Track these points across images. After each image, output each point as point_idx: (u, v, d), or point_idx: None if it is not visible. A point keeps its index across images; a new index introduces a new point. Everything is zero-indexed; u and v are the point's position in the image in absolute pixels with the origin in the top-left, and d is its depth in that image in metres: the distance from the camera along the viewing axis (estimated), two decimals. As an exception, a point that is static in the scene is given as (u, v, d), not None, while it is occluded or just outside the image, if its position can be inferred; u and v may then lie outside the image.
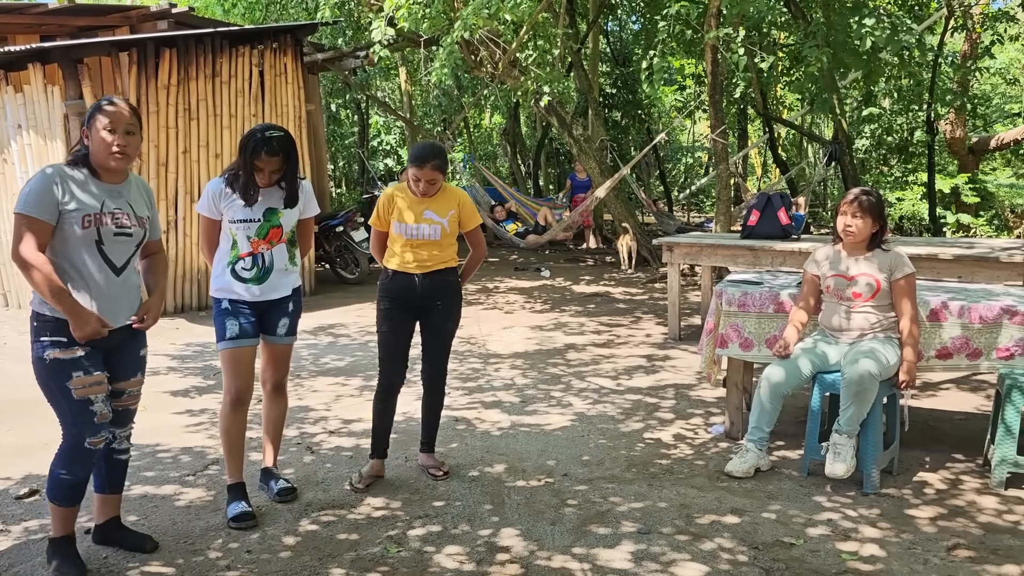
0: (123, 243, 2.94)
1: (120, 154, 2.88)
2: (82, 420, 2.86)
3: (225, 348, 3.47)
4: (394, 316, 3.76)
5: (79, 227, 2.82)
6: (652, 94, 19.51)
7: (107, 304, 2.90)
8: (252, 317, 3.49)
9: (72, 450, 2.89)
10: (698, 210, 20.82)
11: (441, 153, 3.69)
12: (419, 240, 3.70)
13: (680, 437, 4.47)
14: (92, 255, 2.87)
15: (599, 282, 10.32)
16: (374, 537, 3.26)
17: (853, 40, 8.40)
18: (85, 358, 2.85)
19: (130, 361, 3.05)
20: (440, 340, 3.86)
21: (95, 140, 2.87)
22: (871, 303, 3.81)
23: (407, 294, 3.73)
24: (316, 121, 10.95)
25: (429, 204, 3.71)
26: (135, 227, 2.97)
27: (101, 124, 2.85)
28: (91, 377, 2.86)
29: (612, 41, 17.94)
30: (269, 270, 3.47)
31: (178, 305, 8.42)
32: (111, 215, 2.89)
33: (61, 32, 9.32)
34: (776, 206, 6.52)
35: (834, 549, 3.14)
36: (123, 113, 2.89)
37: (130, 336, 3.03)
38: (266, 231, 3.44)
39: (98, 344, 2.89)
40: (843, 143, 12.00)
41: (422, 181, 3.63)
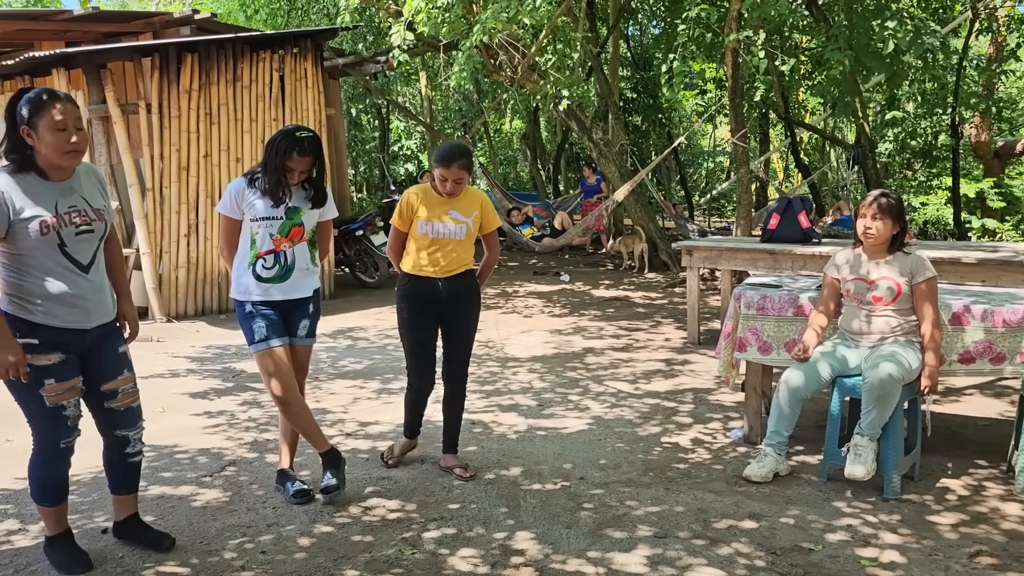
0: (86, 240, 2.83)
1: (75, 152, 2.74)
2: (55, 424, 2.83)
3: (259, 350, 3.45)
4: (419, 322, 3.76)
5: (37, 234, 2.70)
6: (672, 98, 19.43)
7: (81, 305, 2.82)
8: (277, 317, 3.49)
9: (46, 451, 2.87)
10: (719, 215, 20.71)
11: (468, 153, 3.70)
12: (444, 239, 3.69)
13: (698, 441, 4.43)
14: (56, 259, 2.76)
15: (618, 286, 10.28)
16: (389, 539, 3.26)
17: (876, 43, 8.32)
18: (60, 364, 2.79)
19: (110, 360, 2.97)
20: (461, 342, 3.86)
21: (45, 141, 2.69)
22: (892, 307, 3.76)
23: (430, 298, 3.73)
24: (337, 126, 11.01)
25: (453, 204, 3.72)
26: (95, 221, 2.85)
27: (51, 123, 2.68)
28: (64, 384, 2.81)
29: (632, 45, 17.92)
30: (291, 268, 3.48)
31: (198, 308, 8.48)
32: (67, 215, 2.77)
33: (86, 38, 9.43)
34: (796, 210, 6.46)
35: (853, 555, 3.09)
36: (71, 108, 2.74)
37: (106, 335, 2.95)
38: (288, 229, 3.46)
39: (73, 347, 2.84)
40: (866, 147, 11.89)
41: (449, 181, 3.63)
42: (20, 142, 2.74)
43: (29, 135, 2.72)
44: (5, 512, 3.53)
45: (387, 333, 7.49)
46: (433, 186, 3.73)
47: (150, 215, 8.05)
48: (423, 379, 3.85)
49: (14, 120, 2.75)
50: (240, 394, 5.46)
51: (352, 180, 20.77)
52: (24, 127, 2.72)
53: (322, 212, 3.60)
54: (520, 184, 22.04)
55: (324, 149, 9.55)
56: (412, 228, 3.74)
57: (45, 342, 2.77)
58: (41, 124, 2.69)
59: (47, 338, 2.77)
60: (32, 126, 2.71)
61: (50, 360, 2.78)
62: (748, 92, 11.74)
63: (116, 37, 9.38)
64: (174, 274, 8.24)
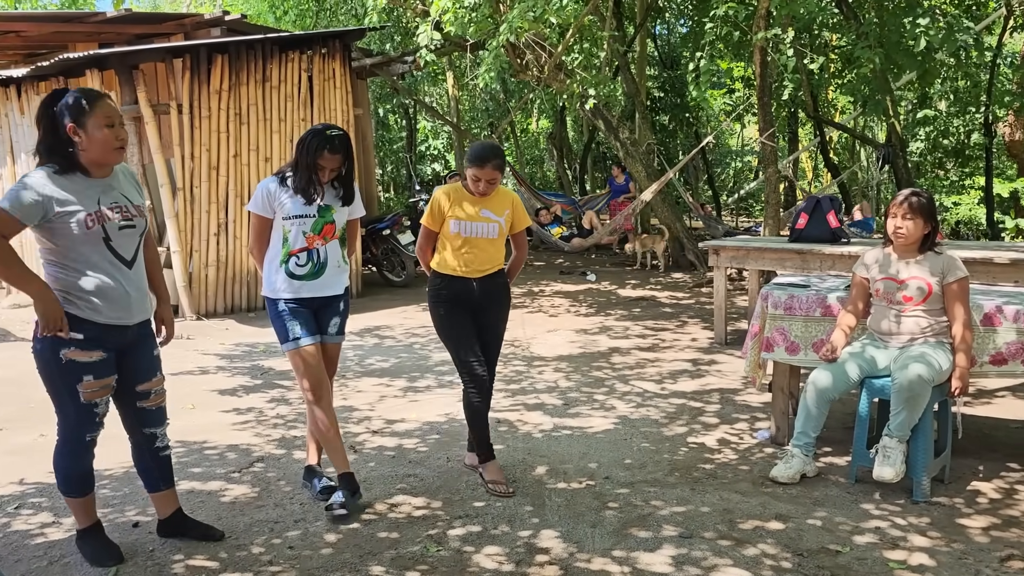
0: (129, 235, 2.91)
1: (122, 148, 2.85)
2: (84, 419, 2.90)
3: (292, 349, 3.48)
4: (457, 319, 3.74)
5: (83, 228, 2.77)
6: (700, 97, 19.33)
7: (124, 300, 2.89)
8: (308, 316, 3.53)
9: (72, 443, 2.93)
10: (747, 215, 20.56)
11: (500, 153, 3.69)
12: (476, 238, 3.69)
13: (724, 442, 4.41)
14: (101, 252, 2.83)
15: (645, 286, 10.25)
16: (414, 536, 3.28)
17: (907, 40, 8.22)
18: (100, 362, 2.86)
19: (146, 361, 3.05)
20: (491, 341, 3.86)
21: (94, 138, 2.77)
22: (922, 307, 3.71)
23: (464, 296, 3.73)
24: (364, 126, 11.08)
25: (485, 203, 3.71)
26: (136, 217, 2.95)
27: (99, 121, 2.77)
28: (102, 381, 2.88)
29: (660, 44, 17.84)
30: (324, 265, 3.51)
31: (227, 306, 8.58)
32: (110, 209, 2.85)
33: (119, 40, 9.58)
34: (825, 209, 6.40)
35: (881, 557, 3.06)
36: (114, 106, 2.85)
37: (144, 336, 3.04)
38: (320, 227, 3.49)
39: (113, 345, 2.90)
40: (896, 146, 11.75)
41: (482, 181, 3.62)
42: (60, 141, 2.80)
43: (76, 133, 2.78)
44: (39, 505, 3.60)
45: (413, 332, 7.53)
46: (465, 185, 3.73)
47: (180, 214, 8.15)
48: (477, 373, 3.72)
49: (52, 120, 2.80)
50: (268, 391, 5.51)
51: (379, 180, 20.87)
52: (71, 125, 2.78)
53: (351, 210, 3.63)
54: (547, 184, 22.02)
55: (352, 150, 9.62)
56: (444, 228, 3.74)
57: (88, 339, 2.83)
58: (90, 122, 2.77)
59: (91, 335, 2.83)
60: (80, 124, 2.77)
61: (91, 357, 2.84)
62: (776, 91, 11.66)
63: (148, 38, 9.52)
64: (204, 272, 8.35)
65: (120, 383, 2.99)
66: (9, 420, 4.87)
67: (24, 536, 3.30)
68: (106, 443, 3.52)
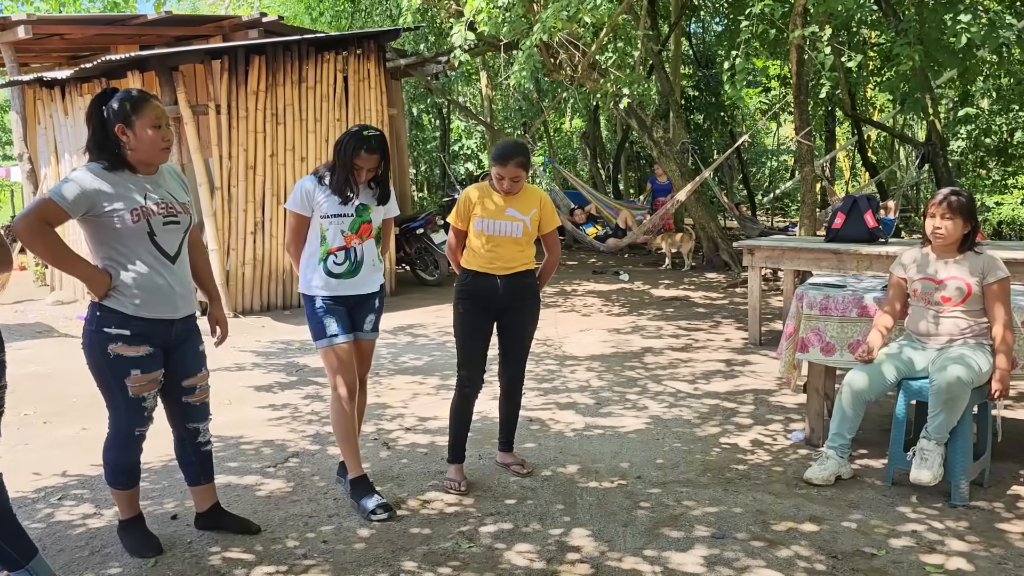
0: (173, 231, 2.98)
1: (168, 148, 2.93)
2: (134, 413, 2.96)
3: (326, 347, 3.52)
4: (474, 320, 3.74)
5: (130, 222, 2.84)
6: (735, 96, 19.17)
7: (171, 295, 2.96)
8: (345, 314, 3.57)
9: (122, 437, 3.00)
10: (782, 214, 20.35)
11: (524, 151, 3.68)
12: (501, 237, 3.69)
13: (758, 443, 4.37)
14: (147, 248, 2.90)
15: (678, 286, 10.19)
16: (446, 532, 3.30)
17: (948, 37, 8.09)
18: (147, 357, 2.93)
19: (192, 356, 3.11)
20: (519, 342, 3.85)
21: (142, 138, 2.85)
22: (961, 308, 3.66)
23: (488, 295, 3.73)
24: (398, 125, 11.15)
25: (511, 202, 3.70)
26: (181, 214, 3.01)
27: (146, 122, 2.85)
28: (149, 375, 2.95)
29: (694, 42, 17.72)
30: (360, 264, 3.55)
31: (264, 304, 8.69)
32: (155, 205, 2.91)
33: (159, 42, 9.75)
34: (863, 209, 6.31)
35: (918, 561, 3.02)
36: (162, 107, 2.93)
37: (189, 332, 3.10)
38: (358, 226, 3.53)
39: (160, 340, 2.97)
40: (937, 145, 11.56)
41: (505, 179, 3.63)
42: (109, 139, 2.88)
43: (124, 132, 2.86)
44: (81, 496, 3.68)
45: (446, 330, 7.56)
46: (492, 185, 3.75)
47: (218, 213, 8.28)
48: (470, 375, 3.75)
49: (102, 119, 2.88)
50: (303, 388, 5.58)
51: (413, 179, 21.00)
52: (120, 125, 2.85)
53: (386, 210, 3.67)
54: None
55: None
56: (470, 225, 3.76)
57: (136, 334, 2.90)
58: (139, 122, 2.85)
59: (138, 330, 2.90)
60: (129, 124, 2.85)
61: (138, 352, 2.91)
62: (813, 89, 11.52)
63: (187, 40, 9.68)
64: (241, 270, 8.47)
65: (167, 379, 3.06)
66: (53, 414, 4.99)
67: (67, 526, 3.38)
68: (148, 437, 3.60)
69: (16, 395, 5.34)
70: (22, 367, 6.04)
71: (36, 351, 6.64)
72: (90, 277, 2.86)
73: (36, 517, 3.46)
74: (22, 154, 9.93)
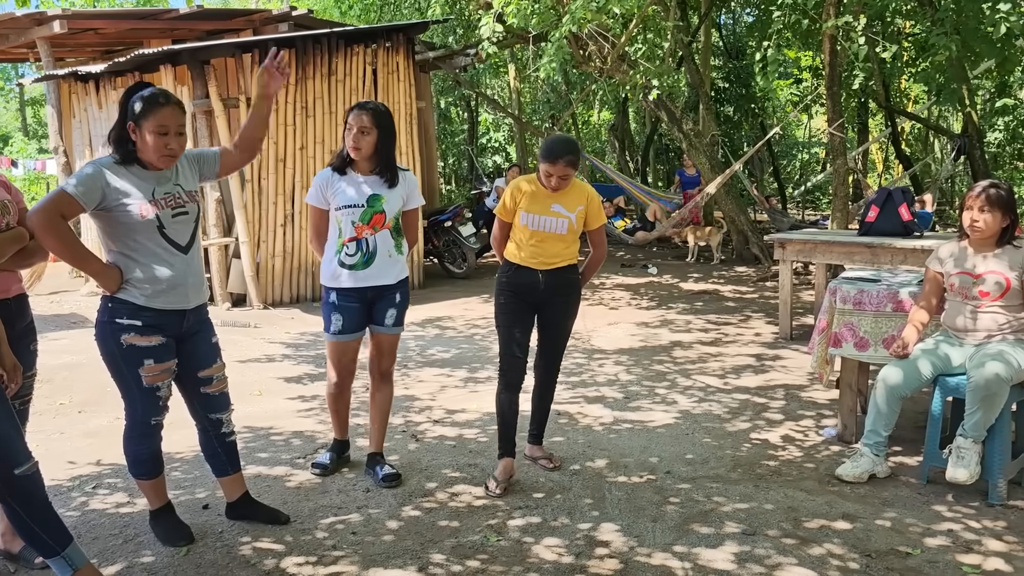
0: (183, 222, 2.99)
1: (171, 156, 2.91)
2: (148, 403, 2.99)
3: (330, 340, 3.66)
4: (516, 311, 3.72)
5: (138, 217, 2.85)
6: (766, 87, 18.95)
7: (181, 286, 2.97)
8: (359, 310, 3.59)
9: (139, 427, 3.03)
10: (813, 207, 20.09)
11: (574, 148, 3.61)
12: (545, 233, 3.65)
13: (789, 439, 4.32)
14: (156, 240, 2.91)
15: (707, 280, 10.11)
16: (474, 525, 3.30)
17: (985, 27, 7.91)
18: (159, 346, 2.95)
19: (205, 348, 3.13)
20: (556, 336, 3.83)
21: (146, 141, 2.85)
22: (1000, 303, 3.58)
23: (529, 288, 3.71)
24: (427, 118, 11.16)
25: (558, 198, 3.65)
26: (188, 203, 3.01)
27: (151, 127, 2.83)
28: (162, 364, 2.97)
29: (725, 34, 17.53)
30: (373, 255, 3.56)
31: (293, 296, 8.75)
32: (164, 200, 2.92)
33: (190, 36, 9.84)
34: (897, 202, 6.20)
35: (954, 561, 2.97)
36: (177, 114, 2.89)
37: (202, 323, 3.12)
38: (369, 216, 3.53)
39: (172, 331, 2.99)
40: (973, 137, 11.34)
41: (554, 177, 3.56)
42: (124, 134, 2.91)
43: (134, 131, 2.88)
44: (114, 485, 3.73)
45: (474, 323, 7.57)
46: (539, 179, 3.68)
47: (248, 205, 8.34)
48: (515, 366, 3.72)
49: (125, 112, 2.91)
50: (332, 380, 5.60)
51: (441, 172, 21.02)
52: (131, 123, 2.88)
53: (407, 201, 3.66)
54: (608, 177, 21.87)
55: (414, 142, 9.70)
56: (515, 219, 3.73)
57: (148, 324, 2.92)
58: (145, 125, 2.85)
59: (149, 320, 2.92)
60: (138, 124, 2.87)
61: (151, 342, 2.94)
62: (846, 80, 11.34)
63: (218, 34, 9.76)
64: (270, 263, 8.53)
65: (182, 371, 3.08)
66: (87, 404, 5.06)
67: (100, 515, 3.43)
68: (178, 428, 3.64)
69: (52, 384, 5.43)
70: (57, 357, 6.14)
71: (71, 341, 6.74)
72: (101, 273, 2.89)
73: (71, 505, 3.51)
74: (57, 147, 10.07)
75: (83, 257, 2.89)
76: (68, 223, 2.84)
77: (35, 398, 3.12)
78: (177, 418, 3.34)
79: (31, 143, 24.13)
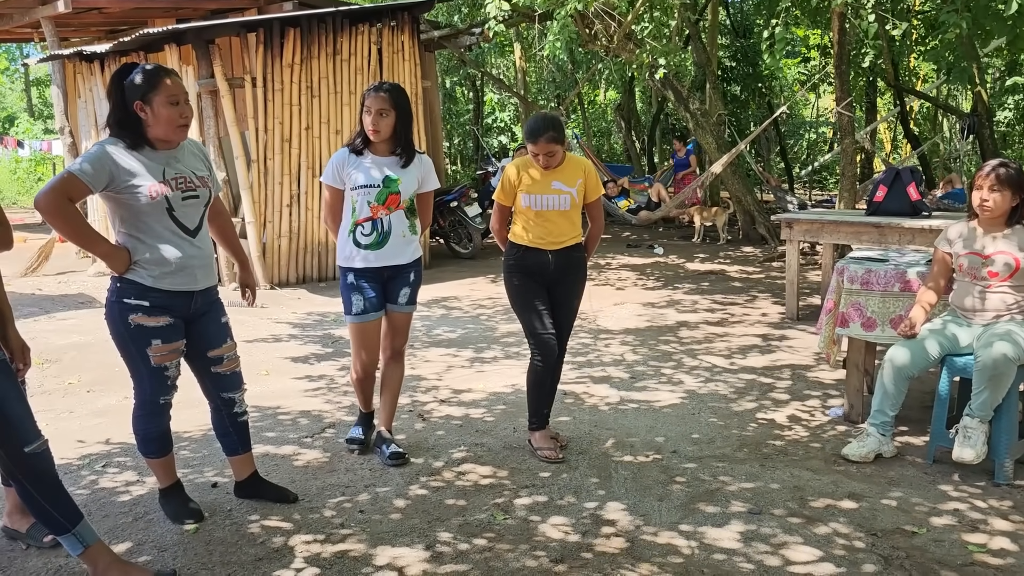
0: (192, 206, 2.98)
1: (185, 125, 2.92)
2: (157, 382, 3.01)
3: (353, 322, 3.63)
4: (531, 289, 3.73)
5: (148, 199, 2.84)
6: (773, 66, 18.80)
7: (189, 268, 2.97)
8: (376, 289, 3.59)
9: (148, 406, 3.05)
10: (821, 188, 20.00)
11: (554, 123, 3.62)
12: (548, 211, 3.66)
13: (795, 419, 4.33)
14: (165, 223, 2.91)
15: (714, 260, 10.08)
16: (481, 504, 3.32)
17: (997, 3, 7.81)
18: (167, 327, 2.95)
19: (215, 328, 3.14)
20: (564, 316, 3.84)
21: (159, 115, 2.84)
22: (1009, 283, 3.56)
23: (539, 269, 3.72)
24: (432, 98, 11.11)
25: (556, 175, 3.67)
26: (200, 188, 3.01)
27: (164, 98, 2.83)
28: (170, 345, 2.98)
29: (732, 12, 17.36)
30: (387, 235, 3.56)
31: (299, 276, 8.76)
32: (174, 181, 2.91)
33: (195, 15, 9.79)
34: (905, 181, 6.16)
35: (960, 540, 2.97)
36: (180, 83, 2.90)
37: (211, 303, 3.13)
38: (385, 197, 3.54)
39: (180, 311, 2.99)
40: (982, 116, 11.26)
41: (540, 155, 3.60)
42: (128, 116, 2.88)
43: (143, 109, 2.86)
44: (124, 464, 3.76)
45: (480, 303, 7.57)
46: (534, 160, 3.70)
47: (255, 186, 8.33)
48: (546, 343, 3.71)
49: (122, 94, 2.88)
50: (339, 359, 5.62)
51: (447, 152, 20.95)
52: (138, 102, 2.85)
53: (422, 183, 3.66)
54: (613, 156, 21.78)
55: (420, 122, 9.64)
56: (516, 202, 3.73)
57: (156, 305, 2.93)
58: (156, 99, 2.84)
59: (157, 301, 2.93)
60: (147, 101, 2.84)
61: (159, 322, 2.95)
62: (855, 59, 11.25)
63: (223, 13, 9.71)
64: (277, 243, 8.53)
65: (193, 350, 3.09)
66: (96, 383, 5.09)
67: (111, 493, 3.45)
68: (187, 407, 3.67)
69: (60, 364, 5.46)
70: (65, 337, 6.17)
71: (79, 321, 6.76)
72: (109, 255, 2.89)
73: (81, 484, 3.54)
74: (63, 127, 10.06)
75: (91, 239, 2.90)
76: (76, 205, 2.84)
77: (45, 378, 3.14)
78: (186, 397, 3.36)
79: (37, 124, 24.13)
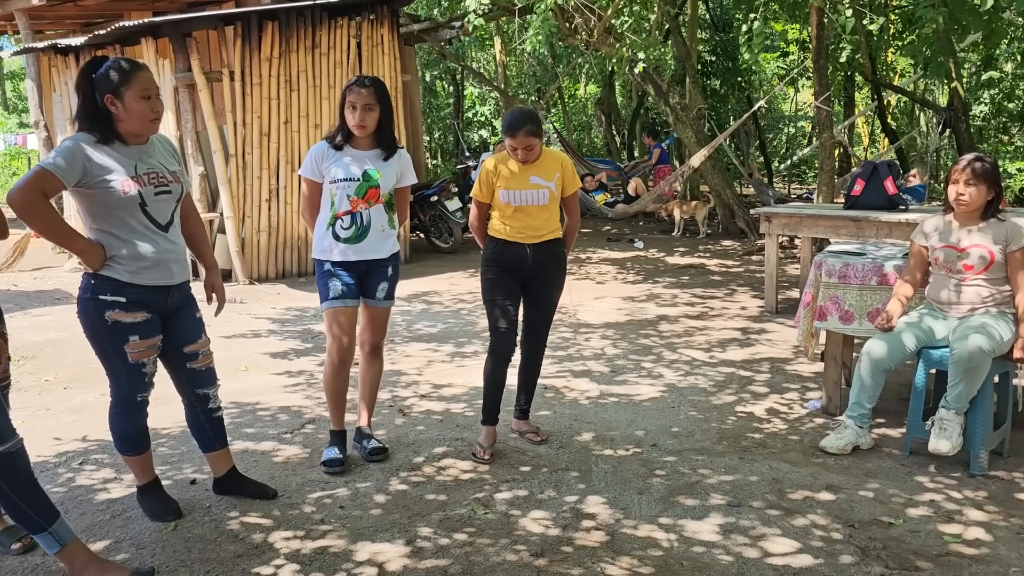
0: (165, 201, 2.96)
1: (157, 119, 2.90)
2: (134, 379, 2.98)
3: (328, 308, 3.58)
4: (504, 285, 3.72)
5: (120, 194, 2.82)
6: (752, 61, 18.87)
7: (164, 263, 2.95)
8: (353, 280, 3.57)
9: (124, 403, 3.02)
10: (799, 182, 20.12)
11: (532, 118, 3.63)
12: (527, 206, 3.66)
13: (774, 411, 4.36)
14: (138, 218, 2.88)
15: (693, 254, 10.13)
16: (461, 499, 3.32)
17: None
18: (144, 323, 2.93)
19: (190, 323, 3.12)
20: (543, 310, 3.84)
21: (131, 109, 2.82)
22: (983, 276, 3.60)
23: (517, 263, 3.72)
24: (412, 92, 11.06)
25: (533, 170, 3.67)
26: (172, 183, 2.99)
27: (135, 92, 2.81)
28: (148, 341, 2.95)
29: (711, 7, 17.42)
30: (367, 229, 3.54)
31: (279, 271, 8.71)
32: (146, 176, 2.89)
33: (171, 8, 9.69)
34: (883, 175, 6.21)
35: (936, 531, 3.01)
36: (151, 77, 2.89)
37: (185, 299, 3.11)
38: (364, 191, 3.52)
39: (157, 307, 2.97)
40: (959, 110, 11.36)
41: (519, 149, 3.60)
42: (98, 110, 2.84)
43: (113, 104, 2.83)
44: (101, 462, 3.72)
45: (461, 298, 7.56)
46: (511, 154, 3.71)
47: (233, 180, 8.27)
48: (504, 340, 3.73)
49: (91, 88, 2.84)
50: (319, 355, 5.60)
51: (427, 146, 20.90)
52: (109, 96, 2.82)
53: (400, 178, 3.65)
54: (594, 150, 21.80)
55: (400, 116, 9.58)
56: (495, 198, 3.73)
57: (132, 301, 2.90)
58: (128, 93, 2.81)
59: (134, 297, 2.90)
60: (118, 95, 2.81)
61: (136, 318, 2.92)
62: (833, 53, 11.33)
63: (200, 6, 9.60)
64: (256, 238, 8.47)
65: (168, 347, 3.07)
66: (72, 380, 5.04)
67: (88, 491, 3.42)
68: (164, 404, 3.63)
69: (36, 361, 5.40)
70: (41, 333, 6.09)
71: (55, 317, 6.69)
72: (85, 251, 2.85)
73: (57, 481, 3.51)
74: (38, 121, 9.94)
75: (67, 236, 2.87)
76: (50, 201, 2.80)
77: (21, 375, 3.10)
78: (163, 394, 3.33)
79: (11, 117, 23.80)
